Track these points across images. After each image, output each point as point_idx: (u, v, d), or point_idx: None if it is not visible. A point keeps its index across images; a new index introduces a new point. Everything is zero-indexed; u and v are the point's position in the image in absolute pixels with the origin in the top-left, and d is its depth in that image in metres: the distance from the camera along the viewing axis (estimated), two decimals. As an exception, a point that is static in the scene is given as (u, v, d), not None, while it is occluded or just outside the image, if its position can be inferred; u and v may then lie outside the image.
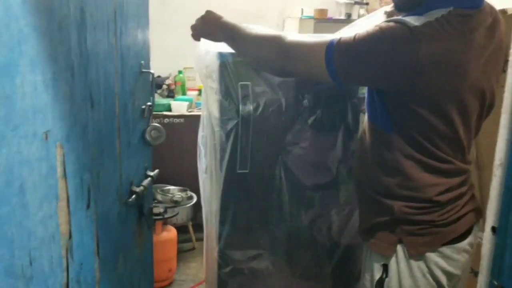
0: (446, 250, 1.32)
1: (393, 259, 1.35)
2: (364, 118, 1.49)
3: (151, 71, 1.58)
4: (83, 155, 1.08)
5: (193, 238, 3.55)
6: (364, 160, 1.44)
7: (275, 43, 1.37)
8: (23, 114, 0.81)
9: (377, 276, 1.38)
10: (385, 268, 1.37)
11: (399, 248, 1.34)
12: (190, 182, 3.43)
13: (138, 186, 1.49)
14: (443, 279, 1.33)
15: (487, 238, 1.07)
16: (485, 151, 1.84)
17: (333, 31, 1.66)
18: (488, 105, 1.34)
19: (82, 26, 1.04)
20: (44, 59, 0.88)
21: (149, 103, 1.57)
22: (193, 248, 3.56)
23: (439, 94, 1.22)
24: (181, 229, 3.44)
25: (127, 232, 1.47)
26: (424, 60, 1.17)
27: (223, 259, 1.85)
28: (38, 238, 0.88)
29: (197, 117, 2.60)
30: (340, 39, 1.25)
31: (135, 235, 1.55)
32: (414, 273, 1.33)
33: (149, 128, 1.57)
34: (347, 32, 1.38)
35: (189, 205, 3.33)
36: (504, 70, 1.57)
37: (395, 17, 1.26)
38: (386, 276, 1.36)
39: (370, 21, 1.58)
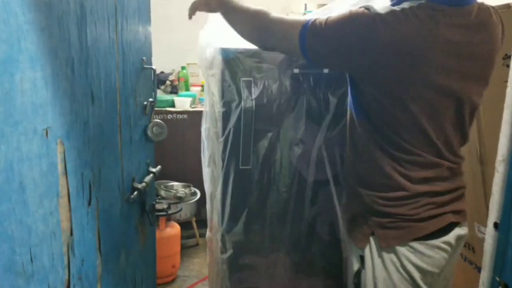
0: (417, 245, 1.33)
1: (367, 251, 1.40)
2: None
3: (153, 67, 1.57)
4: (84, 152, 1.08)
5: (197, 234, 3.55)
6: (346, 147, 1.51)
7: (259, 18, 1.46)
8: (22, 111, 0.81)
9: (356, 267, 1.44)
10: (362, 259, 1.42)
11: (372, 240, 1.38)
12: (194, 178, 3.43)
13: (140, 182, 1.49)
14: (416, 274, 1.34)
15: (489, 234, 1.06)
16: (488, 147, 1.83)
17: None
18: (469, 105, 1.34)
19: (82, 22, 1.03)
20: (43, 55, 0.87)
21: (151, 99, 1.57)
22: (197, 244, 3.56)
23: (396, 82, 1.26)
24: (185, 225, 3.45)
25: (129, 228, 1.47)
26: (381, 47, 1.22)
27: (226, 255, 1.85)
28: (38, 235, 0.88)
29: (201, 113, 2.60)
30: (315, 20, 1.33)
31: (137, 232, 1.55)
32: (387, 265, 1.36)
33: (151, 124, 1.56)
34: (322, 14, 1.49)
35: (192, 201, 3.33)
36: (507, 65, 1.57)
37: (365, 4, 1.30)
38: (363, 268, 1.42)
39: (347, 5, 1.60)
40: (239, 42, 1.62)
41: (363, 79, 1.33)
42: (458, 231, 1.38)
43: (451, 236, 1.36)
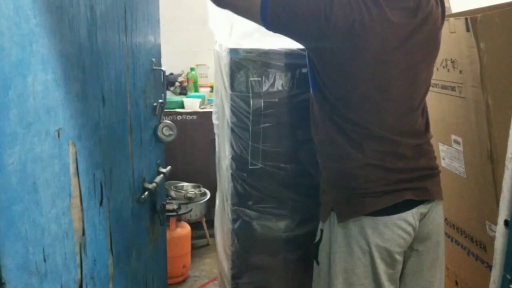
0: (371, 221, 1.37)
1: (326, 225, 1.47)
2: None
3: (163, 68, 1.59)
4: (95, 153, 1.09)
5: (207, 234, 3.56)
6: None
7: None
8: (35, 113, 0.82)
9: (316, 240, 1.51)
10: (322, 233, 1.49)
11: (332, 214, 1.44)
12: (203, 179, 3.45)
13: (151, 182, 1.50)
14: (372, 250, 1.37)
15: (500, 232, 1.06)
16: (499, 145, 1.82)
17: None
18: (418, 82, 1.42)
19: (92, 25, 1.05)
20: (55, 58, 0.89)
21: (160, 100, 1.58)
22: (207, 244, 3.57)
23: (346, 59, 1.34)
24: (195, 226, 3.46)
25: (140, 228, 1.48)
26: (335, 24, 1.30)
27: (236, 255, 1.85)
28: (51, 235, 0.89)
29: (210, 113, 2.61)
30: None
31: (148, 232, 1.56)
32: (340, 240, 1.41)
33: (161, 125, 1.58)
34: None
35: (202, 201, 3.34)
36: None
37: None
38: (321, 241, 1.48)
39: None
40: (244, 41, 1.64)
41: (317, 54, 1.41)
42: (420, 209, 1.41)
43: (409, 214, 1.39)
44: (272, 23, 1.39)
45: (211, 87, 3.98)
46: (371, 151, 1.38)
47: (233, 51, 1.66)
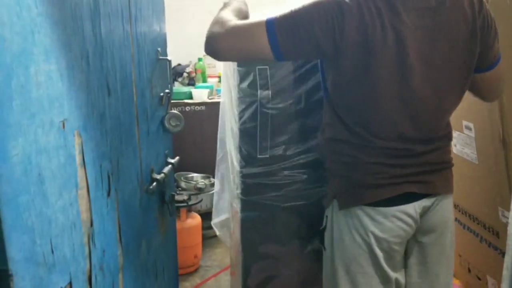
0: (369, 210, 1.37)
1: (329, 211, 1.48)
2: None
3: (168, 58, 1.57)
4: (102, 143, 1.09)
5: (218, 224, 3.57)
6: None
7: (221, 22, 1.36)
8: (39, 103, 0.82)
9: (322, 226, 1.53)
10: (327, 219, 1.50)
11: (334, 201, 1.45)
12: (213, 169, 3.43)
13: (159, 173, 1.50)
14: (370, 239, 1.38)
15: (513, 218, 1.04)
16: (512, 130, 1.80)
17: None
18: (438, 88, 1.34)
19: (95, 14, 1.04)
20: (58, 48, 0.88)
21: (167, 91, 1.57)
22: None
23: (357, 67, 1.28)
24: (206, 216, 3.46)
25: (149, 219, 1.48)
26: (348, 31, 1.24)
27: (247, 244, 1.85)
28: (59, 226, 0.89)
29: (218, 104, 2.59)
30: (278, 15, 1.30)
31: (157, 222, 1.56)
32: (341, 226, 1.42)
33: (168, 116, 1.57)
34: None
35: (212, 191, 3.34)
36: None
37: None
38: (326, 227, 1.50)
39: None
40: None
41: (329, 65, 1.37)
42: (423, 202, 1.40)
43: (410, 206, 1.38)
44: (286, 55, 1.33)
45: (219, 77, 3.97)
46: (376, 155, 1.37)
47: (240, 39, 1.64)
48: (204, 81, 4.04)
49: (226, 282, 2.98)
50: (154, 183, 1.43)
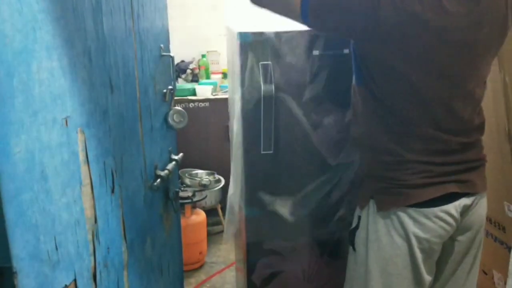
0: (412, 212, 1.33)
1: (365, 212, 1.42)
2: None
3: (171, 54, 1.57)
4: (105, 140, 1.08)
5: (223, 220, 3.57)
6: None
7: None
8: (41, 100, 0.81)
9: (353, 226, 1.48)
10: (359, 219, 1.45)
11: (371, 202, 1.40)
12: (217, 165, 3.44)
13: (163, 170, 1.50)
14: (411, 240, 1.35)
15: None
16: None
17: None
18: (475, 76, 1.33)
19: (97, 11, 1.03)
20: (60, 44, 0.87)
21: (170, 87, 1.57)
22: (223, 231, 3.58)
23: (395, 51, 1.26)
24: (210, 212, 3.47)
25: (154, 215, 1.48)
26: (382, 9, 1.21)
27: (251, 240, 1.85)
28: (63, 223, 0.89)
29: (222, 100, 2.58)
30: None
31: (162, 219, 1.56)
32: (379, 227, 1.38)
33: (171, 112, 1.57)
34: None
35: (217, 188, 3.34)
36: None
37: None
38: (358, 227, 1.45)
39: None
40: (258, 26, 1.61)
41: (363, 48, 1.33)
42: (463, 201, 1.37)
43: (451, 206, 1.35)
44: (314, 21, 1.32)
45: (223, 73, 3.96)
46: (417, 149, 1.33)
47: (243, 35, 1.63)
48: (208, 77, 4.03)
49: (231, 278, 2.98)
50: (158, 180, 1.43)
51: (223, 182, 3.35)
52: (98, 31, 1.04)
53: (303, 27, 1.63)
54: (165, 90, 1.54)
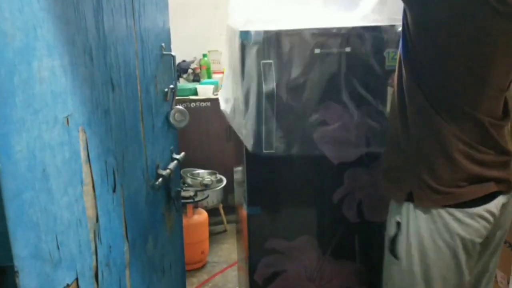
0: (457, 212, 1.29)
1: (404, 217, 1.36)
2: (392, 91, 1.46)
3: (172, 53, 1.57)
4: (106, 139, 1.08)
5: (224, 220, 3.57)
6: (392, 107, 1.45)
7: None
8: (42, 99, 0.81)
9: (392, 233, 1.41)
10: (399, 226, 1.38)
11: (409, 205, 1.34)
12: (219, 165, 3.44)
13: (165, 169, 1.49)
14: (455, 243, 1.31)
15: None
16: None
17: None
18: None
19: (98, 9, 1.03)
20: (61, 43, 0.87)
21: (171, 86, 1.56)
22: (225, 230, 3.58)
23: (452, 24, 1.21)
24: (212, 212, 3.47)
25: (156, 215, 1.47)
26: None
27: (254, 239, 1.85)
28: (64, 222, 0.89)
29: (224, 99, 2.56)
30: None
31: (163, 218, 1.56)
32: (422, 232, 1.33)
33: (172, 111, 1.57)
34: None
35: (219, 188, 3.34)
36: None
37: None
38: (399, 234, 1.39)
39: None
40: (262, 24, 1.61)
41: (420, 24, 1.27)
42: (501, 200, 1.34)
43: (493, 205, 1.31)
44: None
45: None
46: (464, 134, 1.28)
47: (244, 33, 1.63)
48: (209, 77, 4.03)
49: (233, 278, 2.98)
50: (160, 179, 1.43)
51: (224, 181, 3.35)
52: (99, 30, 1.04)
53: (304, 25, 1.64)
54: (166, 89, 1.54)
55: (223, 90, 2.09)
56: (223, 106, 2.04)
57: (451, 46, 1.24)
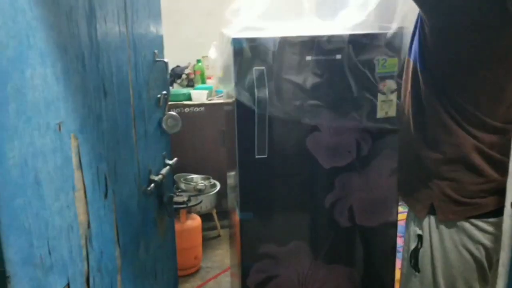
0: (479, 222, 1.28)
1: (426, 228, 1.35)
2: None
3: (165, 59, 1.58)
4: (98, 145, 1.09)
5: (218, 225, 3.57)
6: (404, 118, 1.43)
7: None
8: (34, 106, 0.82)
9: (413, 246, 1.39)
10: (420, 238, 1.37)
11: (432, 218, 1.33)
12: (213, 170, 3.44)
13: (157, 174, 1.50)
14: (480, 252, 1.30)
15: (507, 214, 1.04)
16: None
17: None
18: None
19: (91, 17, 1.04)
20: (53, 51, 0.88)
21: (164, 92, 1.58)
22: (218, 236, 3.58)
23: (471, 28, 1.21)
24: (206, 217, 3.46)
25: (148, 220, 1.48)
26: None
27: (246, 244, 1.86)
28: (56, 228, 0.89)
29: (218, 105, 2.57)
30: None
31: (156, 224, 1.57)
32: (445, 244, 1.32)
33: (165, 117, 1.58)
34: None
35: (212, 193, 3.34)
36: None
37: None
38: (421, 247, 1.37)
39: None
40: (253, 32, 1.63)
41: (436, 29, 1.26)
42: None
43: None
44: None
45: (219, 78, 3.96)
46: (485, 144, 1.27)
47: (236, 41, 1.65)
48: (203, 82, 4.04)
49: (226, 284, 2.98)
50: (152, 185, 1.44)
51: (218, 186, 3.36)
52: (92, 37, 1.05)
53: (296, 33, 1.66)
54: (159, 95, 1.55)
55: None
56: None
57: (470, 55, 1.24)
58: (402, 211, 3.68)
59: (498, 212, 1.26)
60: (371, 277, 2.00)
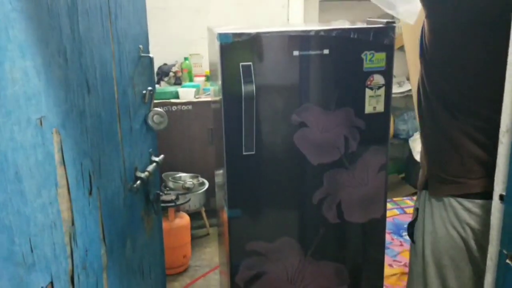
0: (468, 203, 1.32)
1: (421, 203, 1.43)
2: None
3: (150, 55, 1.56)
4: (82, 141, 1.07)
5: (207, 224, 3.56)
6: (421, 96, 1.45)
7: None
8: (14, 100, 0.80)
9: (413, 218, 1.48)
10: (417, 212, 1.46)
11: (424, 192, 1.41)
12: (201, 168, 3.43)
13: (143, 171, 1.48)
14: (466, 233, 1.33)
15: (495, 207, 1.04)
16: None
17: (338, 10, 1.63)
18: None
19: (73, 10, 1.02)
20: (34, 44, 0.86)
21: (150, 88, 1.56)
22: (207, 234, 3.56)
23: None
24: (194, 216, 3.45)
25: (134, 218, 1.46)
26: None
27: (235, 241, 1.85)
28: (38, 225, 0.88)
29: (205, 103, 2.55)
30: None
31: (142, 221, 1.55)
32: (435, 219, 1.38)
33: (151, 113, 1.56)
34: None
35: (201, 191, 3.33)
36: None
37: None
38: (416, 220, 1.46)
39: None
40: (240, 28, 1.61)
41: (441, 30, 1.30)
42: None
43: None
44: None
45: (206, 76, 3.95)
46: (478, 138, 1.30)
47: (223, 36, 1.63)
48: (191, 80, 4.02)
49: (215, 282, 2.96)
50: (138, 182, 1.42)
51: (207, 185, 3.34)
52: (74, 31, 1.03)
53: (283, 28, 1.65)
54: (144, 91, 1.53)
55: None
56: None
57: (465, 49, 1.28)
58: (390, 208, 3.71)
59: (485, 195, 1.29)
60: (360, 273, 2.00)
